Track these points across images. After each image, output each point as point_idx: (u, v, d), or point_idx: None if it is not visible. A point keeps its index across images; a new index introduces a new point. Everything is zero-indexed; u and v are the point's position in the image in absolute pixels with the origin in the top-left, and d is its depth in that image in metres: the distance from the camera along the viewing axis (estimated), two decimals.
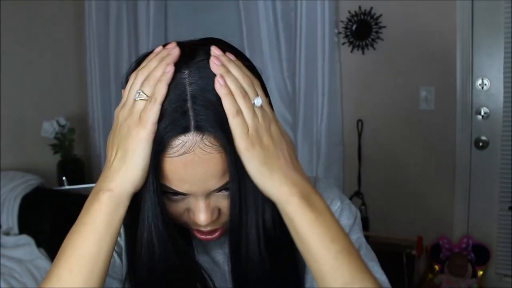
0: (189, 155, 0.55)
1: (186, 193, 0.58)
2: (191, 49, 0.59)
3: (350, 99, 2.49)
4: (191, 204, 0.60)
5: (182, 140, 0.55)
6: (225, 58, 0.58)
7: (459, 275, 2.23)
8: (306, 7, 2.37)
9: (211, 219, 0.59)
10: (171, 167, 0.55)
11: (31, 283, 1.99)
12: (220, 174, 0.56)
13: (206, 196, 0.58)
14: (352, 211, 0.79)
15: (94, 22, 2.86)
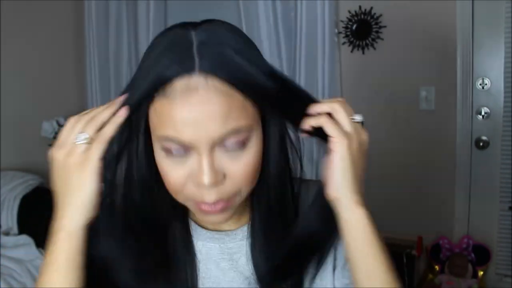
0: (192, 95, 0.54)
1: (189, 145, 0.56)
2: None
3: (350, 99, 2.48)
4: (194, 166, 0.57)
5: (187, 80, 0.55)
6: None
7: (460, 275, 2.23)
8: (306, 7, 2.37)
9: (215, 179, 0.56)
10: (172, 110, 0.55)
11: (30, 283, 1.99)
12: (224, 118, 0.55)
13: (209, 151, 0.56)
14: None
15: (94, 22, 2.86)
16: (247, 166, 0.58)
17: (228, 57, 0.56)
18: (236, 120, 0.56)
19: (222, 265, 0.69)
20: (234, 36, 0.59)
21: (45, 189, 2.46)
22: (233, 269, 0.68)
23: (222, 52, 0.56)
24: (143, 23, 2.79)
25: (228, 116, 0.55)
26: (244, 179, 0.59)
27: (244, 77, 0.56)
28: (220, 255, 0.69)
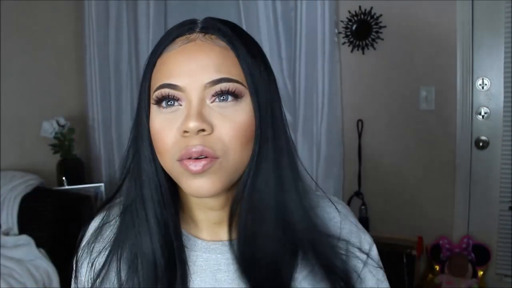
0: (190, 44, 0.60)
1: (181, 90, 0.58)
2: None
3: (350, 99, 2.49)
4: (183, 116, 0.58)
5: (187, 36, 0.61)
6: None
7: (460, 275, 2.23)
8: (306, 7, 2.37)
9: (201, 125, 0.56)
10: (170, 58, 0.60)
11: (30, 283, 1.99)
12: (218, 66, 0.59)
13: (200, 99, 0.58)
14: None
15: (94, 22, 2.86)
16: (236, 125, 0.59)
17: (229, 32, 0.62)
18: (229, 70, 0.59)
19: (218, 276, 0.66)
20: (248, 36, 0.65)
21: (45, 189, 2.46)
22: (229, 281, 0.65)
23: (225, 28, 0.62)
24: (143, 23, 2.79)
25: (222, 65, 0.59)
26: (232, 139, 0.58)
27: (242, 47, 0.61)
28: (216, 266, 0.66)
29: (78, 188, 2.55)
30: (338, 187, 2.48)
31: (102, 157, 2.93)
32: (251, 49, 0.62)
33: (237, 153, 0.59)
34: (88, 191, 2.55)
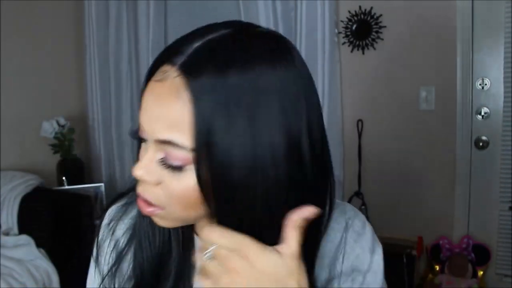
0: (158, 85, 0.52)
1: (144, 134, 0.54)
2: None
3: (350, 99, 2.49)
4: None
5: (164, 69, 0.52)
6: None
7: (460, 275, 2.23)
8: (306, 7, 2.37)
9: (144, 177, 0.53)
10: (144, 96, 0.54)
11: (30, 283, 1.99)
12: (169, 122, 0.51)
13: (156, 147, 0.53)
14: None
15: (94, 22, 2.86)
16: (180, 191, 0.53)
17: (215, 72, 0.50)
18: (182, 135, 0.50)
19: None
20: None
21: (45, 189, 2.46)
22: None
23: (211, 61, 0.50)
24: (143, 23, 2.79)
25: (172, 126, 0.51)
26: (171, 200, 0.54)
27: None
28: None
29: (78, 188, 2.55)
30: (338, 187, 2.48)
31: (102, 157, 2.93)
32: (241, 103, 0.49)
33: (181, 211, 0.55)
34: (88, 191, 2.55)
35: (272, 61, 0.52)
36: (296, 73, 0.54)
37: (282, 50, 0.55)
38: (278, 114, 0.50)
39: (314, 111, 0.55)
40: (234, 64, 0.50)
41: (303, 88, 0.54)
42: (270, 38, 0.55)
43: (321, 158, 0.57)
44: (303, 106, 0.53)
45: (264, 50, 0.52)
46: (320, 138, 0.57)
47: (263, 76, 0.50)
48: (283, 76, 0.52)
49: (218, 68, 0.49)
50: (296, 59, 0.56)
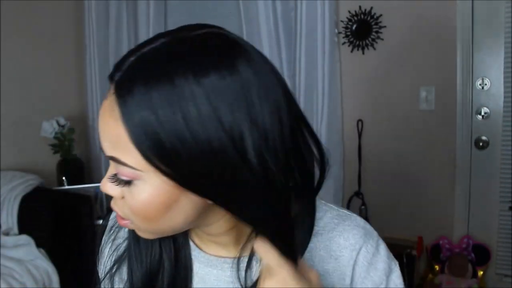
0: (105, 102, 0.52)
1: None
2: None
3: (350, 99, 2.49)
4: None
5: (111, 86, 0.52)
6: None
7: (460, 275, 2.23)
8: (306, 7, 2.37)
9: (108, 192, 0.54)
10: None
11: (31, 283, 1.99)
12: (110, 140, 0.51)
13: (112, 164, 0.53)
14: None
15: (94, 22, 2.86)
16: (135, 204, 0.52)
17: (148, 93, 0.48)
18: (124, 153, 0.50)
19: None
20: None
21: (45, 189, 2.46)
22: None
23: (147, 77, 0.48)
24: (143, 23, 2.79)
25: (115, 144, 0.50)
26: (132, 214, 0.53)
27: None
28: (215, 282, 0.64)
29: (78, 188, 2.55)
30: (338, 187, 2.48)
31: (102, 157, 2.93)
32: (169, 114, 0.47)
33: (144, 223, 0.54)
34: (88, 191, 2.55)
35: (197, 71, 0.48)
36: (233, 80, 0.49)
37: (221, 54, 0.50)
38: (209, 125, 0.47)
39: (269, 116, 0.50)
40: (158, 80, 0.47)
41: (245, 94, 0.49)
42: (207, 43, 0.51)
43: (287, 163, 0.52)
44: (243, 114, 0.48)
45: (193, 60, 0.49)
46: (281, 143, 0.51)
47: (186, 89, 0.47)
48: (212, 86, 0.47)
49: (144, 85, 0.48)
50: (242, 62, 0.50)
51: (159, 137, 0.47)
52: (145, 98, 0.47)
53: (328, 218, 0.65)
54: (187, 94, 0.47)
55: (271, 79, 0.52)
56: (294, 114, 0.54)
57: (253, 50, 0.53)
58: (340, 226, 0.64)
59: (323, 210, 0.65)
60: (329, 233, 0.63)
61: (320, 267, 0.62)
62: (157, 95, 0.47)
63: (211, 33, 0.53)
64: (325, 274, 0.62)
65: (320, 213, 0.64)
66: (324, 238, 0.63)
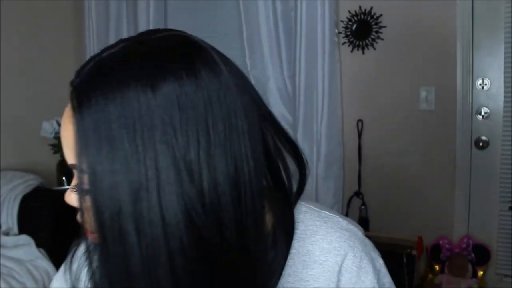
0: (67, 107, 0.51)
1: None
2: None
3: (350, 99, 2.49)
4: None
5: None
6: None
7: (460, 275, 2.23)
8: (306, 7, 2.37)
9: (71, 203, 0.53)
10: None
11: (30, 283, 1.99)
12: (68, 147, 0.50)
13: (75, 174, 0.51)
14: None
15: (94, 22, 2.86)
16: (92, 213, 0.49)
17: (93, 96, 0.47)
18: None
19: None
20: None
21: (45, 189, 2.46)
22: None
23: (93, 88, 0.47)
24: (143, 23, 2.79)
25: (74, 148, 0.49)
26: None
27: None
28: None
29: None
30: (338, 187, 2.48)
31: None
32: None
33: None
34: None
35: (154, 78, 0.46)
36: (192, 85, 0.47)
37: (179, 58, 0.48)
38: (157, 141, 0.45)
39: (226, 126, 0.48)
40: (112, 89, 0.46)
41: (204, 101, 0.47)
42: (165, 46, 0.50)
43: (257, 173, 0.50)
44: (201, 122, 0.46)
45: (149, 65, 0.47)
46: (240, 151, 0.49)
47: (141, 100, 0.45)
48: (169, 94, 0.46)
49: (99, 93, 0.47)
50: (202, 65, 0.49)
51: (93, 151, 0.46)
52: (98, 108, 0.46)
53: (309, 221, 0.62)
54: (143, 105, 0.45)
55: (236, 82, 0.51)
56: (263, 116, 0.53)
57: (214, 52, 0.52)
58: (322, 229, 0.61)
59: (302, 212, 0.62)
60: (311, 237, 0.61)
61: (305, 273, 0.60)
62: (113, 107, 0.46)
63: (170, 35, 0.51)
64: (310, 280, 0.60)
65: (300, 215, 0.61)
66: (307, 242, 0.60)
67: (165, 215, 0.45)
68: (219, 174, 0.47)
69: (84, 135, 0.46)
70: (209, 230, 0.47)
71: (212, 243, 0.47)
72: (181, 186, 0.45)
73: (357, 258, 0.60)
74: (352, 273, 0.59)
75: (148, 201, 0.45)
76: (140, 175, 0.45)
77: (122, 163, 0.45)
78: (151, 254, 0.46)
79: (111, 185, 0.46)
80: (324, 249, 0.60)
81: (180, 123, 0.46)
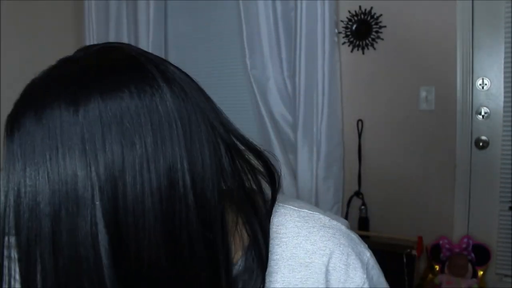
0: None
1: None
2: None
3: (350, 99, 2.49)
4: None
5: None
6: None
7: (460, 275, 2.23)
8: (306, 7, 2.37)
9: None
10: None
11: None
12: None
13: None
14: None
15: (94, 22, 2.86)
16: None
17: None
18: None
19: None
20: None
21: None
22: None
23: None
24: (143, 23, 2.79)
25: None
26: None
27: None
28: None
29: None
30: (338, 187, 2.48)
31: None
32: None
33: None
34: None
35: (61, 105, 0.46)
36: (111, 105, 0.46)
37: (101, 78, 0.48)
38: (77, 158, 0.45)
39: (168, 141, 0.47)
40: (31, 114, 0.47)
41: (133, 124, 0.46)
42: (90, 67, 0.49)
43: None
44: (127, 144, 0.45)
45: (67, 90, 0.47)
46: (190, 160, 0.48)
47: (56, 122, 0.46)
48: (94, 115, 0.46)
49: (21, 119, 0.48)
50: (130, 83, 0.47)
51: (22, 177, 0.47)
52: (25, 131, 0.47)
53: (289, 223, 0.60)
54: (64, 124, 0.45)
55: (174, 94, 0.49)
56: (213, 127, 0.51)
57: (151, 65, 0.50)
58: (304, 229, 0.59)
59: (281, 214, 0.60)
60: (293, 240, 0.59)
61: (292, 277, 0.58)
62: (39, 129, 0.46)
63: (101, 51, 0.51)
64: (298, 284, 0.59)
65: (279, 218, 0.60)
66: (290, 246, 0.59)
67: (84, 235, 0.44)
68: (146, 186, 0.45)
69: (11, 158, 0.47)
70: (134, 257, 0.45)
71: (138, 270, 0.46)
72: (101, 198, 0.44)
73: (344, 256, 0.59)
74: (340, 271, 0.58)
75: (67, 220, 0.45)
76: (61, 193, 0.45)
77: (44, 179, 0.45)
78: (68, 278, 0.45)
79: (33, 203, 0.46)
80: (308, 251, 0.58)
81: (102, 139, 0.45)
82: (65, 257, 0.45)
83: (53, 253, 0.45)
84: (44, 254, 0.46)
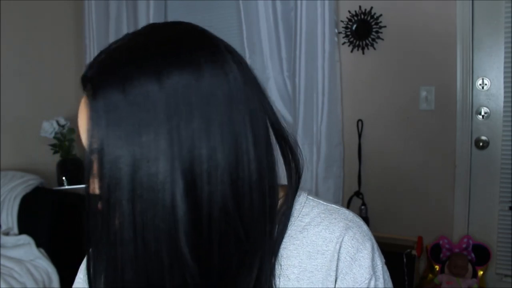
0: (83, 99, 0.55)
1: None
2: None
3: (350, 99, 2.49)
4: None
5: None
6: None
7: (460, 275, 2.23)
8: (306, 7, 2.37)
9: (94, 192, 0.56)
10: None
11: (30, 283, 1.99)
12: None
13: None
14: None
15: (94, 22, 2.86)
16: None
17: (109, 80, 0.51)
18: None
19: None
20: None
21: (45, 189, 2.46)
22: None
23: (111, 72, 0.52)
24: (143, 23, 2.79)
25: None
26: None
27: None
28: None
29: (77, 188, 2.55)
30: (338, 187, 2.48)
31: None
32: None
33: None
34: None
35: (159, 71, 0.50)
36: (190, 81, 0.51)
37: (185, 52, 0.52)
38: (166, 136, 0.50)
39: (246, 117, 0.54)
40: (115, 80, 0.51)
41: (208, 97, 0.51)
42: (173, 39, 0.54)
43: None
44: (203, 120, 0.51)
45: (148, 62, 0.51)
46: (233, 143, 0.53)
47: (137, 91, 0.50)
48: (173, 88, 0.50)
49: (105, 83, 0.51)
50: (208, 61, 0.53)
51: (110, 143, 0.51)
52: (108, 95, 0.50)
53: (314, 213, 0.63)
54: (147, 94, 0.50)
55: (243, 79, 0.56)
56: (268, 115, 0.58)
57: (224, 48, 0.55)
58: (326, 220, 0.62)
59: (310, 206, 0.64)
60: (315, 228, 0.62)
61: (309, 263, 0.60)
62: (121, 95, 0.50)
63: (179, 29, 0.56)
64: (314, 271, 0.60)
65: (306, 209, 0.64)
66: (310, 233, 0.61)
67: (163, 181, 0.50)
68: (218, 144, 0.51)
69: (96, 116, 0.51)
70: (206, 202, 0.51)
71: (209, 213, 0.51)
72: (180, 155, 0.50)
73: (353, 249, 0.60)
74: (345, 262, 0.60)
75: (148, 169, 0.50)
76: (142, 149, 0.50)
77: (125, 139, 0.50)
78: (144, 220, 0.50)
79: (114, 158, 0.51)
80: (326, 239, 0.61)
81: (184, 112, 0.50)
82: (143, 201, 0.50)
83: (132, 199, 0.50)
84: (123, 200, 0.50)
